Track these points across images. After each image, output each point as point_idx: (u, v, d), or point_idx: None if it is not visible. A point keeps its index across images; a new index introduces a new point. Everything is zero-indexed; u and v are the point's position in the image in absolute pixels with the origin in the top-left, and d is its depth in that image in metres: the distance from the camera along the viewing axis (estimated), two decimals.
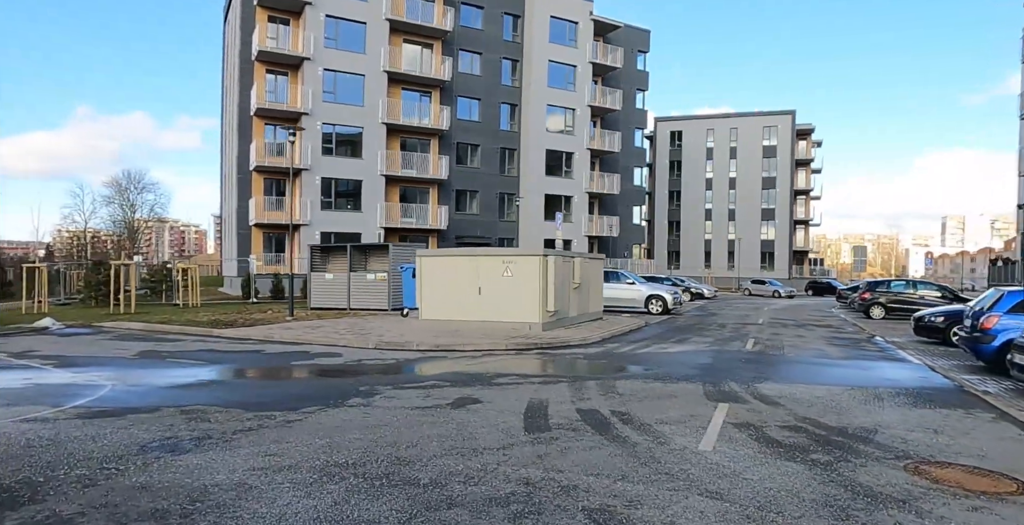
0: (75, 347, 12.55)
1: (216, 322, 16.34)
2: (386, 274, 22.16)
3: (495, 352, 12.23)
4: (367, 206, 37.17)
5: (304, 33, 35.59)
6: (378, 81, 37.31)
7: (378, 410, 7.23)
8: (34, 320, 17.02)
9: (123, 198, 75.05)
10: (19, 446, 5.76)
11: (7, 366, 10.32)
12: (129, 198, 75.98)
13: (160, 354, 11.64)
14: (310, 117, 35.64)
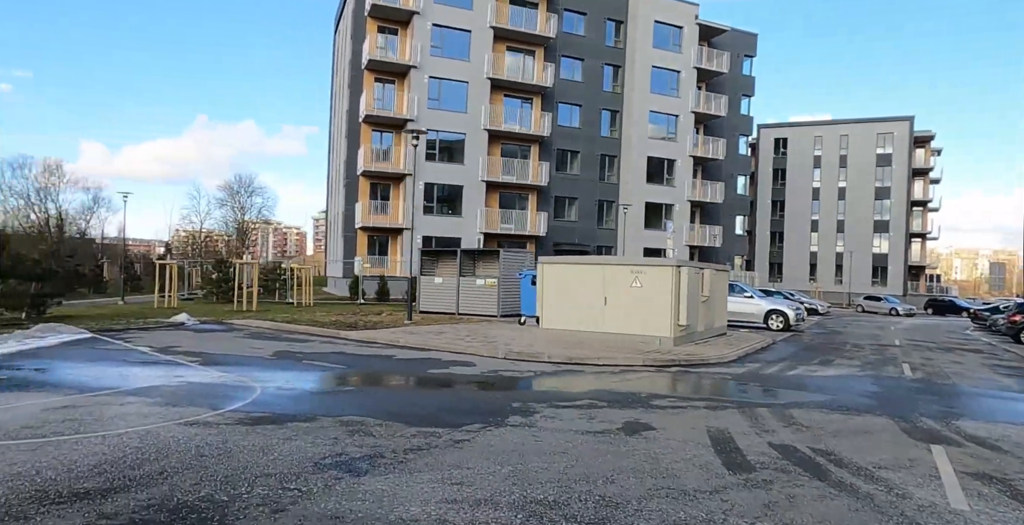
0: (213, 344, 12.66)
1: (338, 323, 16.31)
2: (496, 280, 21.72)
3: (634, 368, 11.40)
4: (467, 211, 37.13)
5: (411, 42, 36.01)
6: (481, 88, 37.30)
7: (545, 433, 6.57)
8: (168, 315, 17.60)
9: (235, 201, 79.01)
10: (191, 455, 5.45)
11: (155, 361, 10.40)
12: (240, 201, 79.90)
13: (295, 355, 11.50)
14: (415, 123, 35.86)
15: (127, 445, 5.70)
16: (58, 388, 8.15)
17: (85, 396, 7.74)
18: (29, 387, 8.18)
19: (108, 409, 7.07)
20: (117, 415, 6.81)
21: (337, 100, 45.06)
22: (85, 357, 10.78)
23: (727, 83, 45.69)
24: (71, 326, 13.47)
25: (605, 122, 42.00)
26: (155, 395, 7.85)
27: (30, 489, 4.56)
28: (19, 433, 6.05)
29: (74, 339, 12.58)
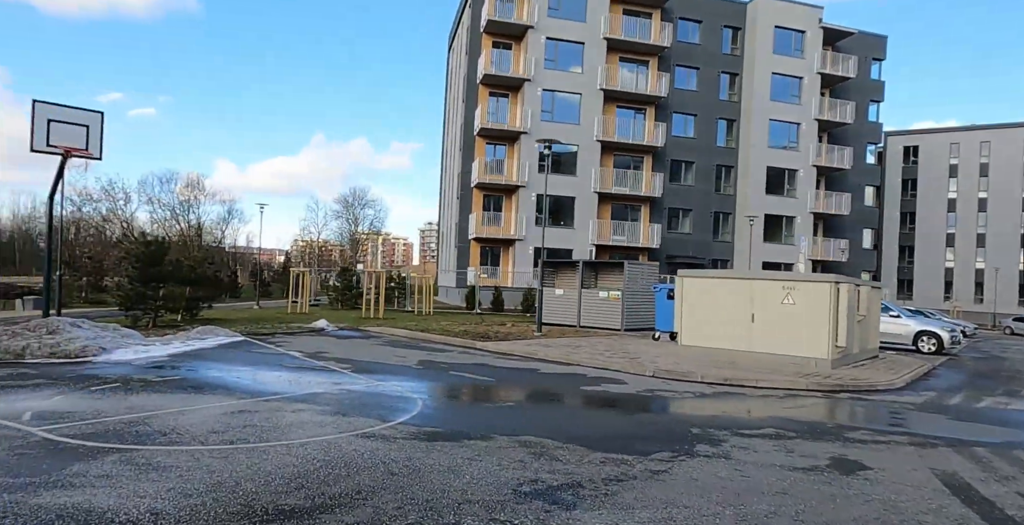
0: (357, 351, 12.69)
1: (468, 334, 16.12)
2: (620, 293, 20.97)
3: (798, 392, 10.34)
4: (579, 223, 36.57)
5: (525, 56, 36.05)
6: (594, 99, 36.80)
7: (748, 467, 5.82)
8: (305, 320, 18.08)
9: (349, 213, 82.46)
10: (381, 472, 5.14)
11: (311, 367, 10.46)
12: (353, 213, 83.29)
13: (439, 365, 11.28)
14: (528, 136, 35.89)
15: (314, 457, 5.49)
16: (230, 391, 8.23)
17: (257, 401, 7.74)
18: (204, 389, 8.31)
19: (282, 416, 6.98)
20: (293, 423, 6.68)
21: (450, 115, 45.91)
22: (245, 360, 11.02)
23: (853, 89, 42.76)
24: (226, 329, 14.00)
25: (721, 132, 40.36)
26: (321, 403, 7.74)
27: (235, 503, 4.36)
28: (208, 438, 6.00)
29: (230, 342, 13.00)
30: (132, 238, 48.22)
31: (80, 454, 5.36)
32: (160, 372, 9.58)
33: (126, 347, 11.04)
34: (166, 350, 11.37)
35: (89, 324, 11.43)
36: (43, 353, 9.97)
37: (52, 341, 10.21)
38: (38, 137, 11.06)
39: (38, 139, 11.06)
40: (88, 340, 10.56)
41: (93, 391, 7.96)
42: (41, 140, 11.09)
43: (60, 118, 11.27)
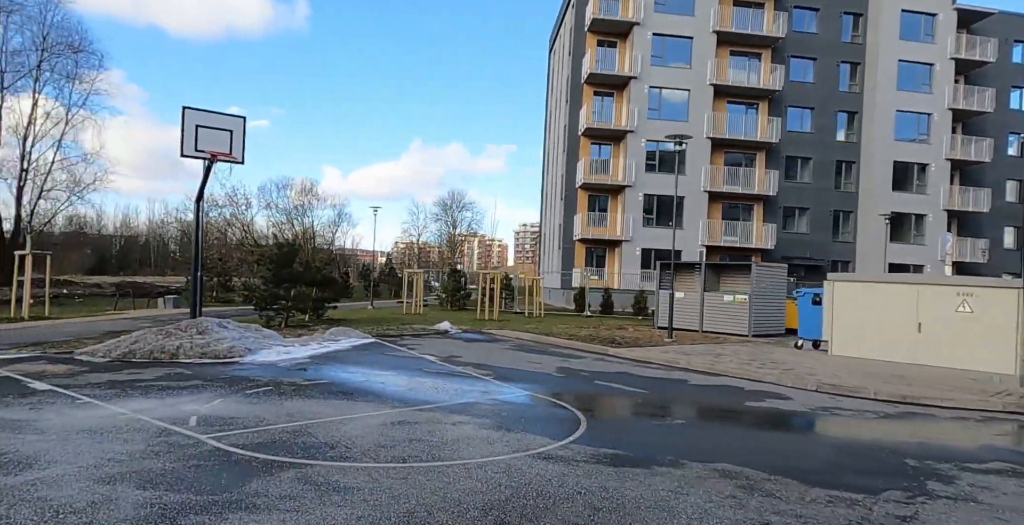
0: (490, 355, 12.17)
1: (594, 338, 15.33)
2: (747, 297, 19.52)
3: (994, 414, 8.85)
4: (688, 223, 34.94)
5: (631, 53, 34.87)
6: (703, 95, 35.08)
7: (1009, 513, 4.71)
8: (419, 320, 17.86)
9: (448, 215, 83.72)
10: (581, 505, 4.45)
11: (451, 373, 10.00)
12: (452, 215, 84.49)
13: (579, 373, 10.55)
14: (634, 134, 34.72)
15: (499, 482, 4.88)
16: (381, 399, 7.84)
17: (411, 410, 7.28)
18: (354, 396, 7.97)
19: (444, 430, 6.45)
20: (459, 438, 6.13)
21: (552, 117, 45.30)
22: (384, 364, 10.73)
23: (992, 74, 38.59)
24: (356, 330, 13.92)
25: (841, 125, 37.46)
26: (479, 414, 7.18)
27: None
28: (378, 453, 5.53)
29: (362, 343, 12.85)
30: (252, 241, 50.80)
31: (255, 469, 5.01)
32: (306, 375, 9.39)
33: (268, 348, 11.02)
34: (305, 352, 11.28)
35: (234, 325, 11.55)
36: (195, 353, 10.06)
37: (202, 341, 10.30)
38: (187, 143, 11.31)
39: (187, 145, 11.30)
40: (234, 341, 10.60)
41: (248, 395, 7.79)
42: (190, 145, 11.33)
43: (207, 123, 11.48)
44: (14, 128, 31.53)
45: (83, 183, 33.27)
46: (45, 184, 31.83)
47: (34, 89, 31.23)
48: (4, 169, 30.88)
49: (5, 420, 6.27)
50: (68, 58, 31.51)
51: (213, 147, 11.50)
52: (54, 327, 15.54)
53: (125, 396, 7.50)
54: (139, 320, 18.13)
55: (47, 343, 11.99)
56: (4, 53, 29.50)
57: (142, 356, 9.97)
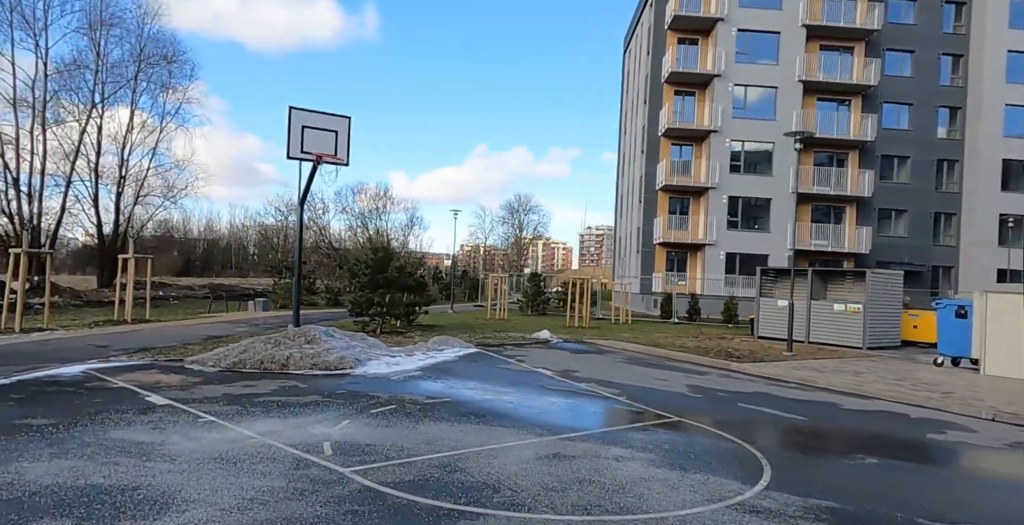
0: (607, 370, 11.13)
1: (707, 350, 14.08)
2: (860, 306, 17.82)
3: None
4: (776, 226, 32.95)
5: (714, 50, 33.25)
6: (791, 92, 33.07)
7: None
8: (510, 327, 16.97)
9: (514, 218, 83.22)
10: None
11: (576, 391, 9.04)
12: (518, 219, 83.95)
13: (715, 394, 9.41)
14: (719, 135, 33.06)
15: None
16: (519, 423, 6.94)
17: (559, 439, 6.35)
18: (488, 418, 7.11)
19: (610, 468, 5.48)
20: (635, 481, 5.15)
21: (628, 118, 43.93)
22: (500, 379, 9.88)
23: None
24: (457, 338, 13.16)
25: (942, 122, 34.64)
26: (638, 447, 6.18)
27: None
28: (552, 500, 4.61)
29: (467, 354, 12.07)
30: (328, 244, 51.46)
31: (422, 520, 4.15)
32: (425, 390, 8.63)
33: (376, 359, 10.36)
34: (414, 363, 10.56)
35: (339, 334, 10.95)
36: (305, 364, 9.47)
37: (311, 351, 9.71)
38: (293, 144, 10.80)
39: (293, 146, 10.80)
40: (343, 351, 9.98)
41: (375, 415, 7.04)
42: (296, 147, 10.82)
43: (312, 124, 10.95)
44: (113, 137, 32.68)
45: (176, 188, 34.19)
46: (141, 190, 32.86)
47: (132, 99, 32.31)
48: (105, 176, 32.01)
49: (131, 443, 5.68)
50: (163, 68, 32.48)
51: (318, 148, 10.96)
52: (157, 331, 15.46)
53: (247, 414, 6.88)
54: (235, 324, 18.00)
55: (155, 349, 11.72)
56: (104, 66, 30.56)
57: (252, 366, 9.45)
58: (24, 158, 28.08)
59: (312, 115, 11.01)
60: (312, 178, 11.25)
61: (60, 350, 11.26)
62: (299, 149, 10.82)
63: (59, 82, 29.32)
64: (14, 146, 27.79)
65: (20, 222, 27.61)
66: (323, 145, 11.00)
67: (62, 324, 16.23)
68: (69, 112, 30.08)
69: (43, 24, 28.20)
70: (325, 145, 11.03)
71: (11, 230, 27.95)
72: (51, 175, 29.53)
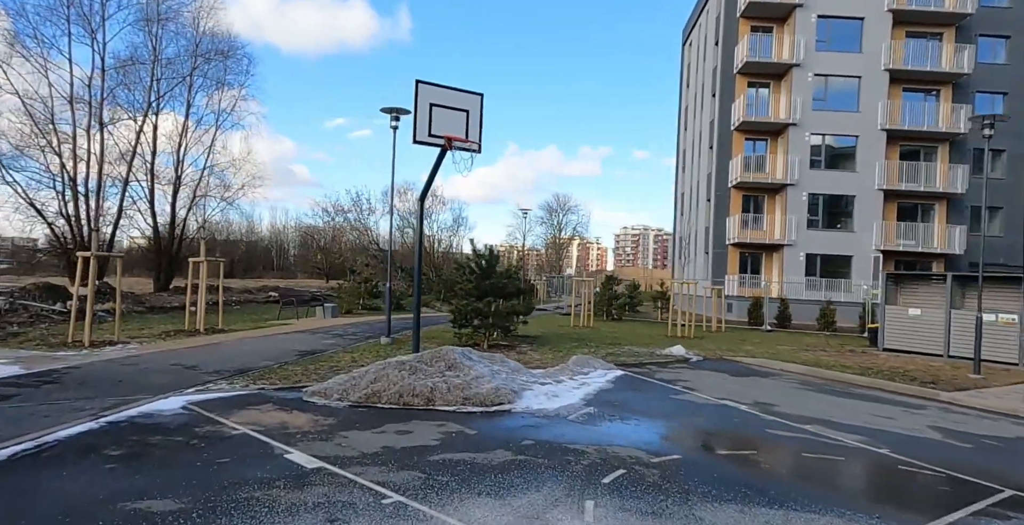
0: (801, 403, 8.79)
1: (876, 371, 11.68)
2: (1016, 317, 15.27)
3: None
4: (860, 225, 30.23)
5: (791, 38, 30.61)
6: (876, 82, 30.30)
7: None
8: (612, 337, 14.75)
9: (552, 218, 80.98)
10: None
11: (813, 439, 6.75)
12: (557, 219, 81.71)
13: (982, 442, 7.06)
14: (797, 128, 30.43)
15: None
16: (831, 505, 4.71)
17: None
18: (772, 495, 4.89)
19: None
20: None
21: (690, 113, 41.37)
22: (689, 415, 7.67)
23: None
24: (597, 359, 10.97)
25: None
26: None
27: None
28: None
29: (615, 377, 9.88)
30: (376, 246, 49.73)
31: None
32: (629, 438, 6.44)
33: (528, 388, 8.25)
34: (571, 392, 8.42)
35: (476, 355, 8.85)
36: (454, 398, 7.37)
37: (458, 381, 7.61)
38: (420, 125, 8.74)
39: (420, 128, 8.73)
40: (492, 379, 7.88)
41: (616, 490, 4.85)
42: (423, 128, 8.76)
43: (441, 102, 8.89)
44: (168, 136, 31.18)
45: (232, 189, 32.57)
46: (197, 190, 31.31)
47: (187, 97, 30.74)
48: (160, 176, 30.50)
49: None
50: (218, 64, 30.85)
51: (448, 131, 8.90)
52: (237, 344, 13.54)
53: (441, 489, 4.76)
54: (314, 334, 16.07)
55: (252, 371, 9.75)
56: (159, 62, 29.00)
57: (389, 400, 7.38)
58: (81, 158, 26.69)
59: (441, 91, 8.94)
60: (438, 167, 9.18)
61: (145, 373, 9.33)
62: (427, 131, 8.76)
63: (115, 79, 27.88)
64: (71, 145, 26.37)
65: (78, 224, 26.21)
66: (453, 127, 8.94)
67: (132, 335, 14.43)
68: (125, 110, 28.64)
69: (100, 17, 26.75)
70: (455, 127, 8.97)
71: (68, 232, 26.56)
72: (106, 175, 28.08)
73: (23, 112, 25.76)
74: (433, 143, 8.89)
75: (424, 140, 8.78)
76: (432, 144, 8.91)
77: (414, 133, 8.68)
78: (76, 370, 9.35)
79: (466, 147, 9.08)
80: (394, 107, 13.35)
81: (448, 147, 8.93)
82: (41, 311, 16.98)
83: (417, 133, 8.69)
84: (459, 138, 9.05)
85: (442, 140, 8.91)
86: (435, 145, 8.94)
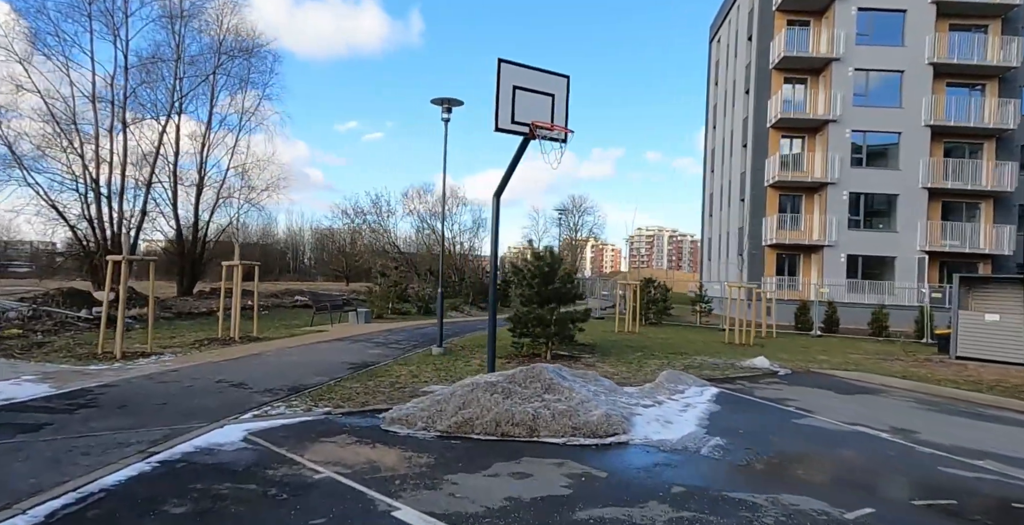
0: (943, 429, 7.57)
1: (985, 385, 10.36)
2: None
3: None
4: (903, 225, 28.84)
5: (831, 32, 29.30)
6: (919, 76, 28.93)
7: None
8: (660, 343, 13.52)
9: (568, 219, 79.74)
10: None
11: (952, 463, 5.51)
12: (572, 220, 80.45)
13: None
14: (837, 124, 29.09)
15: None
16: None
17: None
18: None
19: None
20: None
21: (721, 111, 40.02)
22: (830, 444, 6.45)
23: None
24: (689, 375, 9.72)
25: None
26: None
27: None
28: None
29: (713, 395, 8.64)
30: (397, 249, 48.56)
31: None
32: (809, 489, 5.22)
33: (635, 412, 7.04)
34: (680, 417, 7.20)
35: (569, 373, 7.65)
36: (561, 427, 6.17)
37: (561, 406, 6.41)
38: (503, 111, 7.55)
39: (503, 113, 7.55)
40: (594, 401, 6.67)
41: None
42: (506, 114, 7.57)
43: (525, 84, 7.71)
44: (191, 136, 30.19)
45: (257, 190, 31.52)
46: (221, 192, 30.29)
47: (211, 95, 29.71)
48: (183, 177, 29.48)
49: None
50: (242, 62, 29.82)
51: (534, 116, 7.72)
52: (279, 354, 12.39)
53: None
54: (355, 341, 14.91)
55: (306, 389, 8.59)
56: (182, 61, 28.00)
57: (484, 429, 6.19)
58: (104, 159, 25.67)
59: (525, 72, 7.76)
60: (519, 158, 7.97)
61: (189, 393, 8.18)
62: (510, 118, 7.58)
63: (138, 78, 26.90)
64: (94, 146, 25.36)
65: (101, 227, 25.20)
66: (538, 112, 7.77)
67: (163, 344, 13.33)
68: (147, 109, 27.66)
69: (123, 14, 25.77)
70: (540, 112, 7.80)
71: (91, 235, 25.56)
72: (128, 177, 27.07)
73: (45, 112, 24.84)
74: (517, 131, 7.71)
75: (507, 128, 7.60)
76: (516, 132, 7.72)
77: (496, 119, 7.50)
78: (112, 389, 8.21)
79: (553, 136, 7.89)
80: (446, 98, 12.20)
81: (532, 135, 7.75)
82: (66, 318, 15.92)
83: (499, 120, 7.51)
84: (545, 124, 7.87)
85: (526, 128, 7.73)
86: (518, 133, 7.75)
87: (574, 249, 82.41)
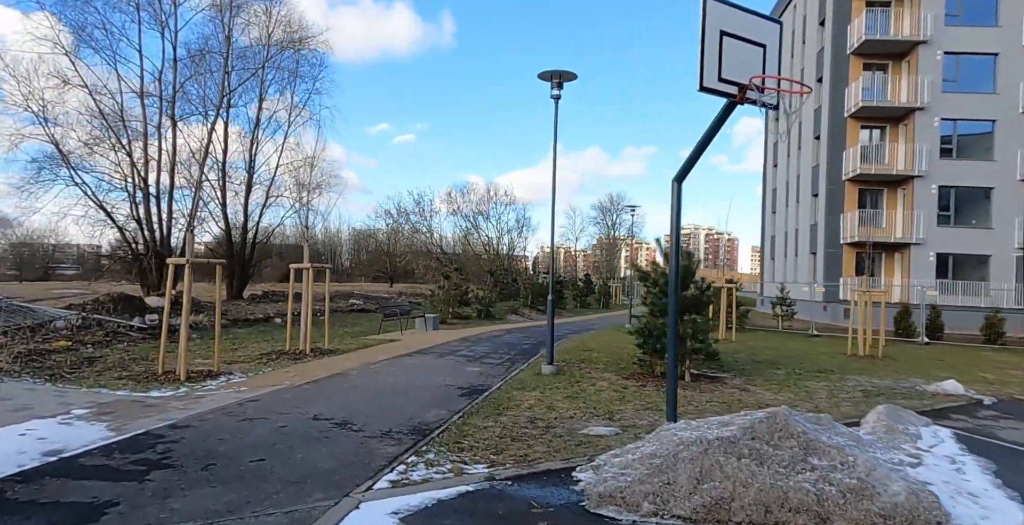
0: None
1: None
2: None
3: None
4: (999, 221, 26.04)
5: (917, 12, 26.60)
6: (1016, 58, 26.11)
7: None
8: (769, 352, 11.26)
9: (606, 219, 77.30)
10: None
11: None
12: (609, 219, 77.95)
13: None
14: (924, 113, 26.38)
15: None
16: None
17: None
18: None
19: None
20: None
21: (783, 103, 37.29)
22: None
23: None
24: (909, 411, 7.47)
25: None
26: None
27: None
28: None
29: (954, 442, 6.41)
30: (440, 249, 46.75)
31: None
32: None
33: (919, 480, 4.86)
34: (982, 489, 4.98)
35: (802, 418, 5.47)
36: (861, 515, 4.01)
37: (845, 478, 4.25)
38: (708, 65, 5.38)
39: (708, 68, 5.40)
40: (877, 466, 4.52)
41: None
42: (712, 70, 5.42)
43: (734, 31, 5.57)
44: (239, 132, 28.62)
45: (307, 188, 29.84)
46: (271, 191, 28.68)
47: (260, 90, 28.10)
48: (231, 176, 27.90)
49: None
50: (291, 55, 28.14)
51: (742, 73, 5.57)
52: (368, 375, 10.35)
53: None
54: (435, 355, 12.88)
55: (436, 432, 6.54)
56: (231, 54, 26.38)
57: (748, 516, 4.07)
58: (152, 157, 24.16)
59: (733, 13, 5.54)
60: (716, 131, 5.81)
61: (285, 439, 6.15)
62: (716, 75, 5.43)
63: (186, 72, 25.37)
64: (142, 143, 23.88)
65: (150, 227, 23.69)
66: (746, 68, 5.63)
67: (227, 358, 11.47)
68: (196, 105, 26.13)
69: (172, 3, 24.21)
70: (750, 67, 5.66)
71: (139, 236, 24.07)
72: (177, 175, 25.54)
73: (92, 109, 23.41)
74: (724, 92, 5.57)
75: (713, 87, 5.44)
76: (723, 93, 5.58)
77: (700, 76, 5.35)
78: (187, 432, 6.26)
79: (765, 102, 5.73)
80: (556, 70, 10.10)
81: (741, 99, 5.62)
82: (118, 328, 14.19)
83: (704, 76, 5.36)
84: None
85: (734, 88, 5.59)
86: (726, 94, 5.61)
87: (612, 248, 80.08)
